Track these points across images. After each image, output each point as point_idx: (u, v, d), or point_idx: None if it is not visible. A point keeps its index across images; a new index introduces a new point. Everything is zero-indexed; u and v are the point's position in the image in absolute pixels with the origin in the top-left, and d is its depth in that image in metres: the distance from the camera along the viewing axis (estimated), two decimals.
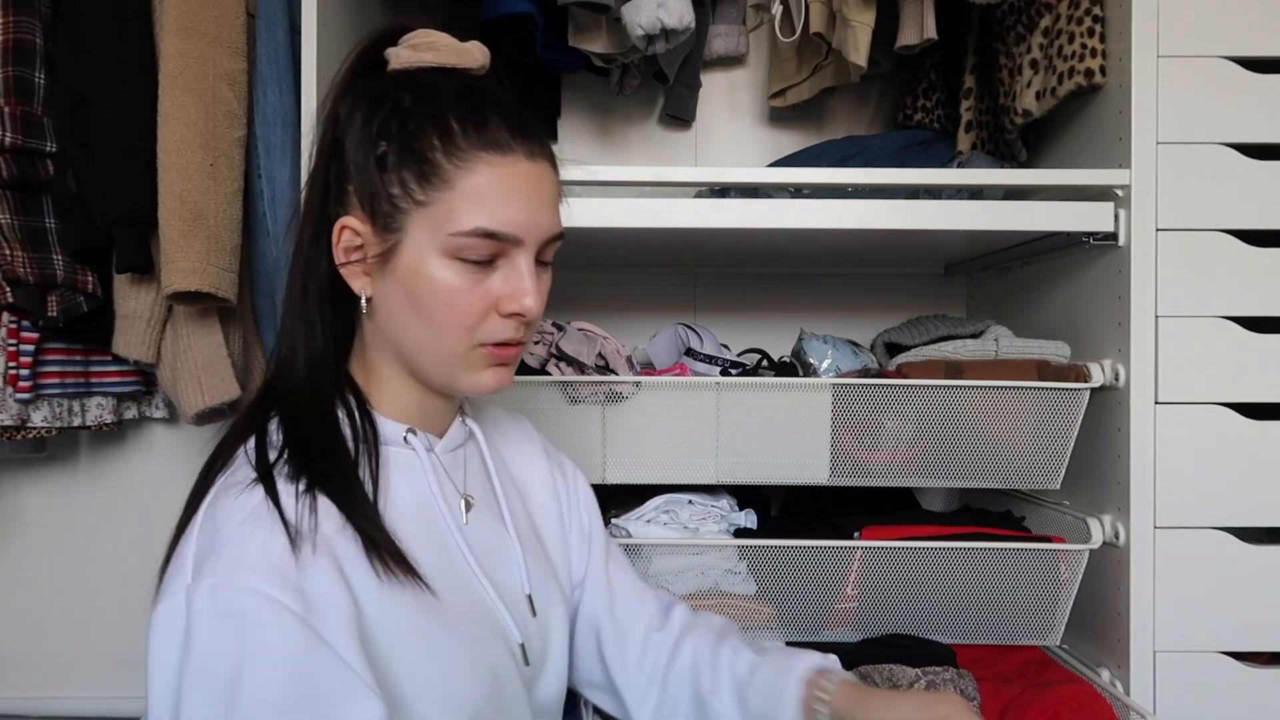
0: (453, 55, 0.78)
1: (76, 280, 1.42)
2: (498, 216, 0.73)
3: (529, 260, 0.76)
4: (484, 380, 0.79)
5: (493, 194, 0.73)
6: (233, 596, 0.62)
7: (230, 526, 0.66)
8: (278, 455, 0.73)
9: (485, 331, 0.76)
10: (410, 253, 0.74)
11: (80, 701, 1.76)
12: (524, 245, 0.75)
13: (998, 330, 1.38)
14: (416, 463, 0.81)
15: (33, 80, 1.36)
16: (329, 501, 0.71)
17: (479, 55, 0.80)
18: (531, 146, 0.76)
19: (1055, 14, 1.34)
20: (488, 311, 0.76)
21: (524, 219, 0.74)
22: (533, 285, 0.76)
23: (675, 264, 1.78)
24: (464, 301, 0.74)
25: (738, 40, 1.74)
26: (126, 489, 1.77)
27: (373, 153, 0.74)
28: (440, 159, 0.73)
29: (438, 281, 0.74)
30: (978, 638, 1.31)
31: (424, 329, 0.76)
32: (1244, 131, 1.23)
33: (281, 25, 1.33)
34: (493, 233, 0.73)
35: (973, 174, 1.29)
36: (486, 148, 0.73)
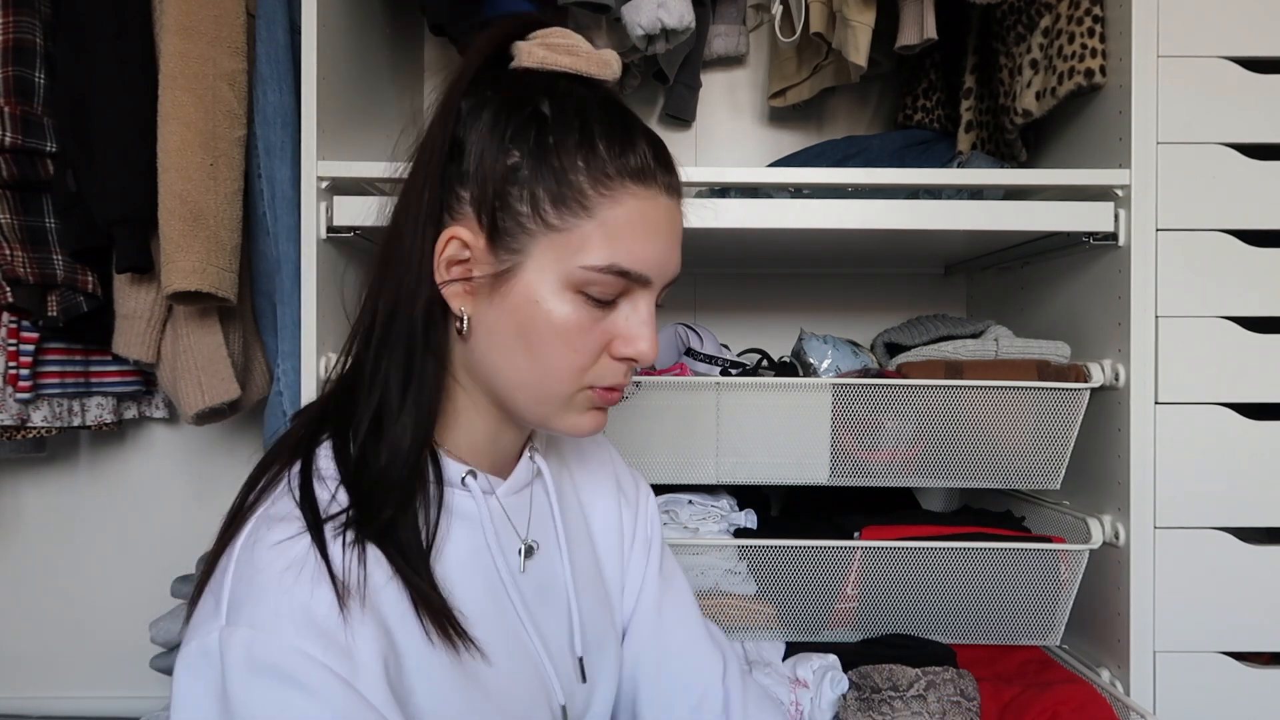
0: (595, 64, 0.70)
1: (76, 280, 1.42)
2: (636, 255, 0.67)
3: (651, 303, 0.71)
4: (584, 423, 0.73)
5: (634, 230, 0.67)
6: (274, 654, 0.57)
7: (271, 572, 0.60)
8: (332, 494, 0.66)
9: (596, 374, 0.70)
10: (528, 279, 0.67)
11: (80, 701, 1.76)
12: (651, 287, 0.70)
13: (998, 330, 1.38)
14: (473, 508, 0.73)
15: (33, 80, 1.36)
16: (379, 552, 0.64)
17: (617, 67, 0.72)
18: (671, 180, 0.70)
19: (1055, 14, 1.34)
20: (600, 352, 0.70)
21: (659, 260, 0.69)
22: (652, 331, 0.70)
23: None
24: (581, 340, 0.68)
25: (738, 40, 1.74)
26: (126, 489, 1.77)
27: (503, 160, 0.66)
28: (584, 182, 0.65)
29: (556, 315, 0.67)
30: (978, 638, 1.31)
31: (532, 364, 0.68)
32: (1244, 131, 1.23)
33: (281, 25, 1.33)
34: (627, 272, 0.67)
35: (973, 174, 1.29)
36: (633, 177, 0.67)
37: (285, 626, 0.57)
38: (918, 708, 1.17)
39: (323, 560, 0.61)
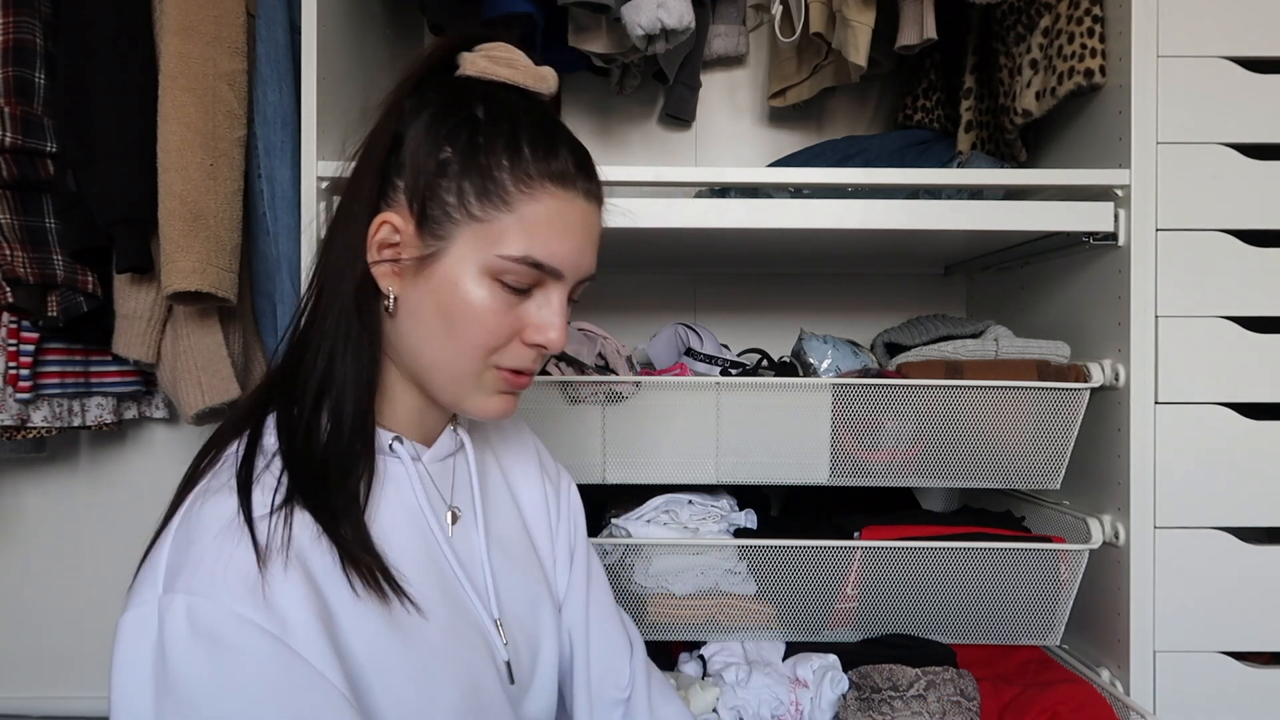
0: (531, 77, 0.78)
1: (76, 280, 1.42)
2: (550, 249, 0.73)
3: (563, 296, 0.77)
4: (491, 405, 0.78)
5: (550, 227, 0.73)
6: (211, 620, 0.59)
7: (205, 539, 0.63)
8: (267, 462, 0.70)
9: (504, 356, 0.76)
10: (451, 264, 0.73)
11: (80, 701, 1.76)
12: (563, 281, 0.76)
13: (998, 330, 1.38)
14: (402, 472, 0.79)
15: (33, 80, 1.36)
16: (306, 512, 0.67)
17: (552, 82, 0.80)
18: (591, 187, 0.77)
19: (1055, 14, 1.34)
20: (512, 337, 0.76)
21: (571, 256, 0.75)
22: (561, 321, 0.76)
23: (675, 264, 1.78)
24: (494, 322, 0.74)
25: (738, 40, 1.74)
26: (126, 489, 1.77)
27: (435, 155, 0.73)
28: (506, 179, 0.72)
29: (473, 298, 0.73)
30: (978, 638, 1.31)
31: (447, 342, 0.74)
32: (1244, 131, 1.23)
33: (281, 25, 1.33)
34: (540, 264, 0.73)
35: (972, 174, 1.29)
36: (553, 179, 0.73)
37: (220, 591, 0.60)
38: (918, 708, 1.17)
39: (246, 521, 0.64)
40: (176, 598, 0.60)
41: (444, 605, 0.76)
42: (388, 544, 0.72)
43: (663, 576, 1.30)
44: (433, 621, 0.73)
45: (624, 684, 0.97)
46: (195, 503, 0.68)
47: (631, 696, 0.97)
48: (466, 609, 0.78)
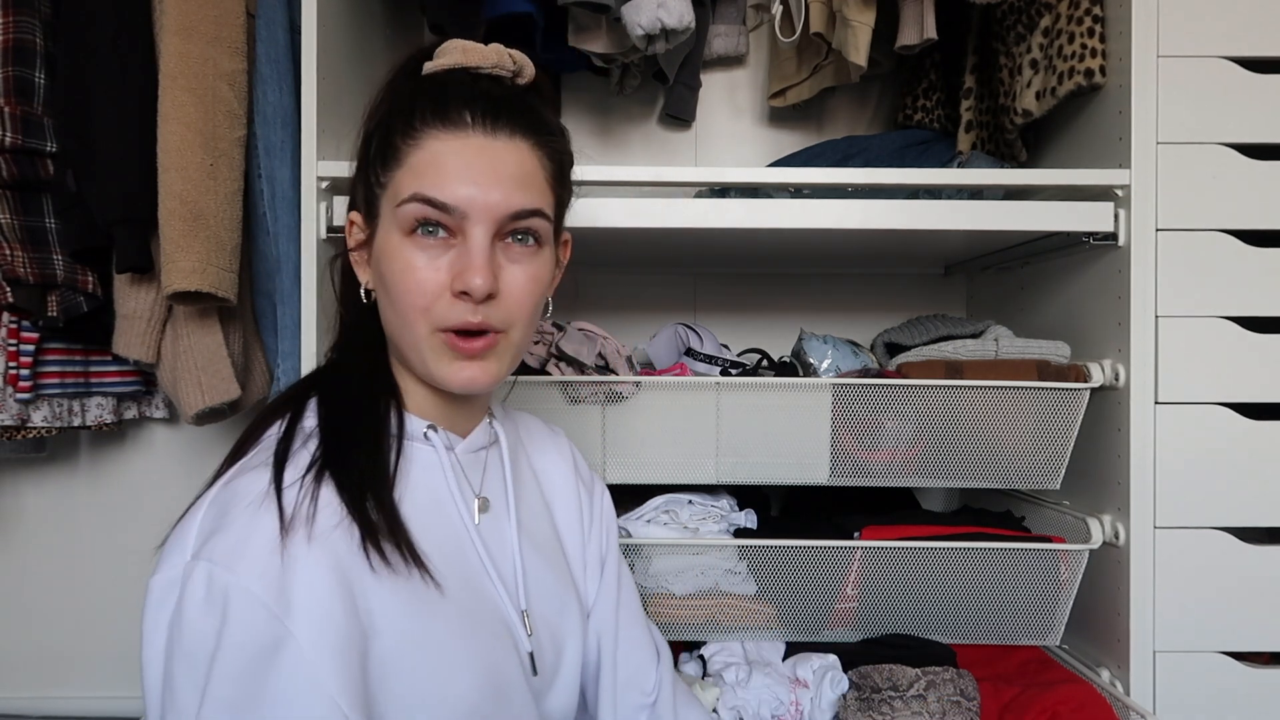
0: (459, 56, 0.78)
1: (76, 280, 1.42)
2: (437, 185, 0.73)
3: (483, 236, 0.74)
4: (453, 374, 0.76)
5: (435, 165, 0.73)
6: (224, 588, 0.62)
7: (236, 510, 0.66)
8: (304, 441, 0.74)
9: (439, 313, 0.74)
10: (381, 237, 0.76)
11: (80, 701, 1.76)
12: (471, 219, 0.73)
13: (998, 330, 1.38)
14: (435, 460, 0.81)
15: (33, 80, 1.36)
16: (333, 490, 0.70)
17: (492, 55, 0.79)
18: (495, 124, 0.75)
19: (1055, 14, 1.34)
20: (440, 292, 0.74)
21: (467, 189, 0.73)
22: (482, 262, 0.73)
23: (675, 264, 1.78)
24: (416, 279, 0.73)
25: (738, 40, 1.74)
26: (126, 489, 1.77)
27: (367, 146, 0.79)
28: (398, 141, 0.75)
29: (396, 259, 0.74)
30: (978, 638, 1.31)
31: (393, 312, 0.76)
32: (1244, 131, 1.23)
33: (281, 25, 1.33)
34: (429, 199, 0.73)
35: (973, 174, 1.29)
36: (438, 124, 0.74)
37: (238, 563, 0.63)
38: (918, 708, 1.17)
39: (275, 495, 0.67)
40: (199, 564, 0.64)
41: (466, 589, 0.77)
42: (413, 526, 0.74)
43: (662, 576, 1.30)
44: (452, 601, 0.74)
45: (649, 689, 0.98)
46: (233, 478, 0.71)
47: (656, 702, 0.98)
48: (489, 596, 0.79)
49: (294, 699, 0.62)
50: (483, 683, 0.74)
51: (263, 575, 0.63)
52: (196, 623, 0.62)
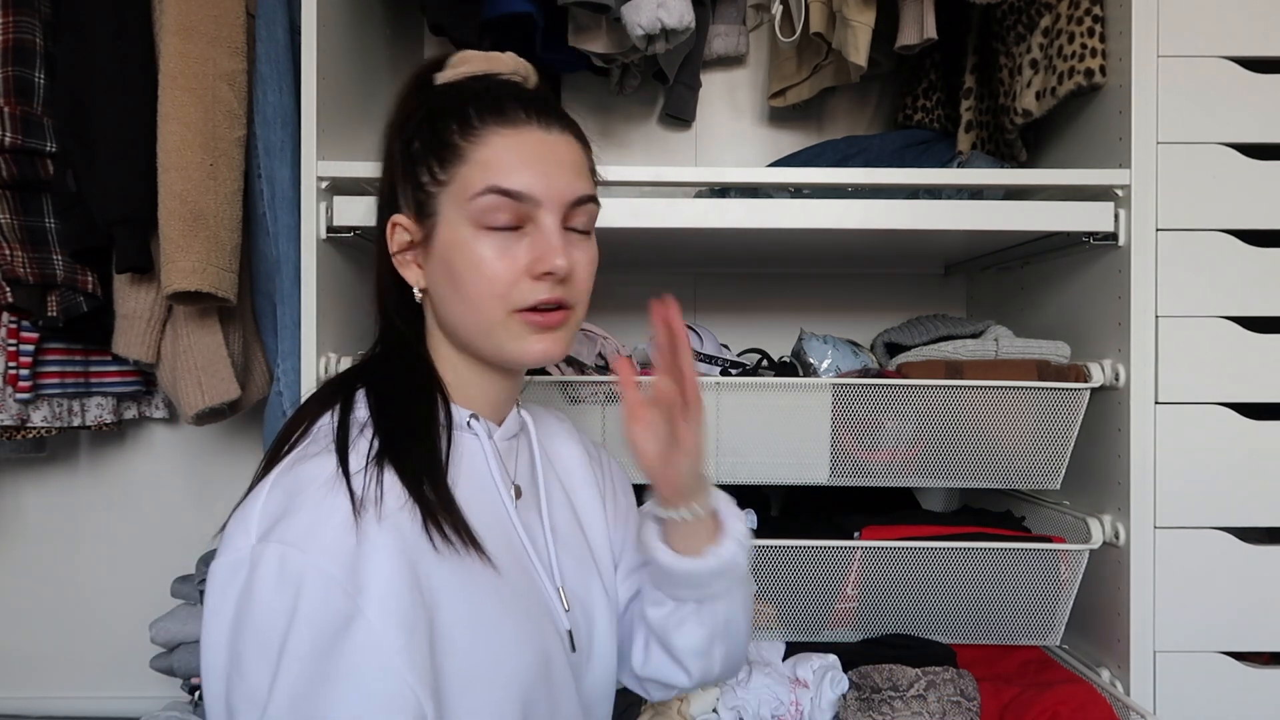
0: (482, 64, 0.83)
1: (76, 280, 1.42)
2: (510, 176, 0.76)
3: (554, 222, 0.78)
4: (530, 349, 0.80)
5: (503, 158, 0.77)
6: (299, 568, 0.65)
7: (307, 493, 0.69)
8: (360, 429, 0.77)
9: (518, 296, 0.78)
10: (445, 230, 0.79)
11: (80, 701, 1.76)
12: (544, 206, 0.78)
13: (998, 330, 1.38)
14: (478, 447, 0.84)
15: (33, 80, 1.36)
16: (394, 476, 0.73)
17: (509, 63, 0.84)
18: (548, 120, 0.80)
19: (1055, 14, 1.34)
20: (518, 278, 0.78)
21: (537, 179, 0.77)
22: (559, 244, 0.77)
23: (675, 264, 1.78)
24: (493, 269, 0.77)
25: (738, 40, 1.74)
26: (126, 489, 1.77)
27: (408, 151, 0.81)
28: (457, 139, 0.78)
29: (469, 251, 0.77)
30: (978, 638, 1.31)
31: (463, 300, 0.79)
32: (1244, 131, 1.23)
33: (281, 25, 1.33)
34: (506, 190, 0.76)
35: (973, 174, 1.29)
36: (497, 121, 0.78)
37: (313, 545, 0.66)
38: (918, 708, 1.17)
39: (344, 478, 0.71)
40: (270, 546, 0.67)
41: (514, 570, 0.80)
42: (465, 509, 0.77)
43: None
44: (506, 583, 0.78)
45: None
46: (294, 464, 0.74)
47: None
48: (533, 577, 0.83)
49: (365, 674, 0.64)
50: (533, 661, 0.77)
51: (337, 555, 0.66)
52: (269, 603, 0.65)
